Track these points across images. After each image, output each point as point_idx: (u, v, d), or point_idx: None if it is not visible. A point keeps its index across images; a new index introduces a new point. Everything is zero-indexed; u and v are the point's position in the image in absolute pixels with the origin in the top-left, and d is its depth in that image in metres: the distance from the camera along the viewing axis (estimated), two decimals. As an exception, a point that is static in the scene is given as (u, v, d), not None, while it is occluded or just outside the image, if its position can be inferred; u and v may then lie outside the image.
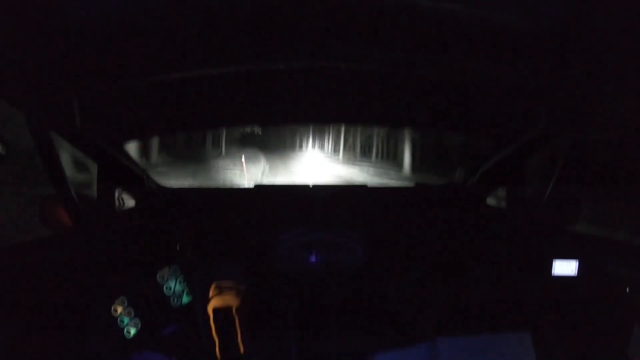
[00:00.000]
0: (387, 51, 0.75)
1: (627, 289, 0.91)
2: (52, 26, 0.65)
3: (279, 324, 1.17)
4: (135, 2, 0.64)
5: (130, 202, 1.34)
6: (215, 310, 0.96)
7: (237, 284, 1.03)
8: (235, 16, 0.67)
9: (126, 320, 1.15)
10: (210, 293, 0.99)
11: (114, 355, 1.11)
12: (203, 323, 1.11)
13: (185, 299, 1.19)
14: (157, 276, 1.18)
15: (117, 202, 1.27)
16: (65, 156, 1.02)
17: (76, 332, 1.04)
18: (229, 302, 0.96)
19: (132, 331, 1.16)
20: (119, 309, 1.15)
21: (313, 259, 1.23)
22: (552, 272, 1.09)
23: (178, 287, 1.19)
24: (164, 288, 1.19)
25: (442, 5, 0.65)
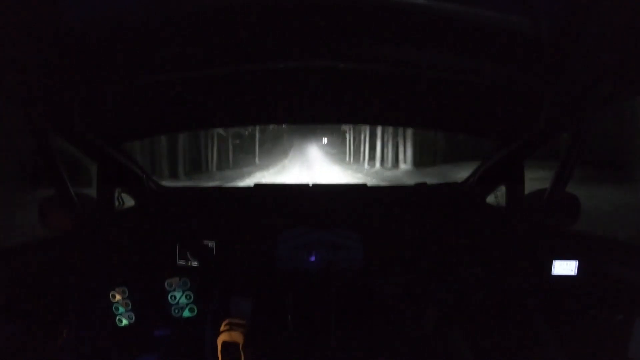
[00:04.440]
0: (387, 51, 0.75)
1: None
2: (52, 26, 0.65)
3: (278, 325, 1.17)
4: (135, 2, 0.64)
5: (130, 202, 1.34)
6: (224, 344, 1.00)
7: (247, 322, 1.05)
8: (234, 16, 0.67)
9: (121, 309, 1.17)
10: (222, 327, 1.02)
11: (102, 339, 1.14)
12: (207, 351, 1.12)
13: (186, 313, 1.19)
14: (166, 283, 1.18)
15: (117, 202, 1.27)
16: (65, 156, 1.02)
17: (71, 315, 1.06)
18: (237, 339, 0.99)
19: (124, 322, 1.17)
20: (117, 297, 1.16)
21: (313, 258, 1.23)
22: (552, 272, 1.09)
23: (182, 300, 1.19)
24: (169, 296, 1.19)
25: (442, 5, 0.65)
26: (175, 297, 1.19)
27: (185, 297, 1.19)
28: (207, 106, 1.16)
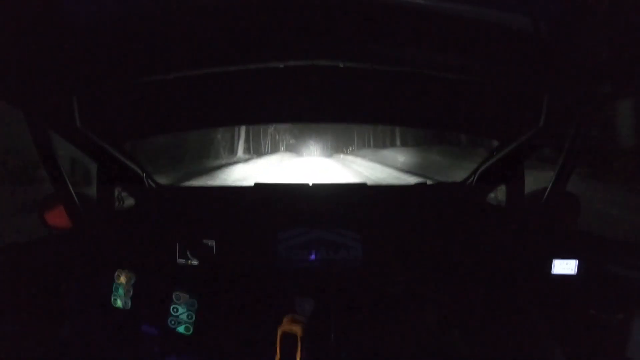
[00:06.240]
0: (387, 50, 0.75)
1: None
2: (53, 26, 0.65)
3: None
4: (135, 2, 0.64)
5: (130, 202, 1.34)
6: (283, 334, 1.04)
7: (305, 319, 1.08)
8: (234, 16, 0.67)
9: (121, 291, 1.17)
10: (284, 321, 1.05)
11: (95, 312, 1.16)
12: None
13: (180, 329, 1.18)
14: (174, 295, 1.18)
15: (117, 202, 1.27)
16: (65, 156, 1.02)
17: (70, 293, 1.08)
18: (295, 330, 1.03)
19: (118, 303, 1.17)
20: (122, 278, 1.17)
21: (313, 257, 1.23)
22: (552, 271, 1.09)
23: (183, 317, 1.18)
24: (172, 307, 1.19)
25: (442, 4, 0.65)
26: (177, 310, 1.18)
27: (187, 316, 1.19)
28: (208, 105, 1.16)
